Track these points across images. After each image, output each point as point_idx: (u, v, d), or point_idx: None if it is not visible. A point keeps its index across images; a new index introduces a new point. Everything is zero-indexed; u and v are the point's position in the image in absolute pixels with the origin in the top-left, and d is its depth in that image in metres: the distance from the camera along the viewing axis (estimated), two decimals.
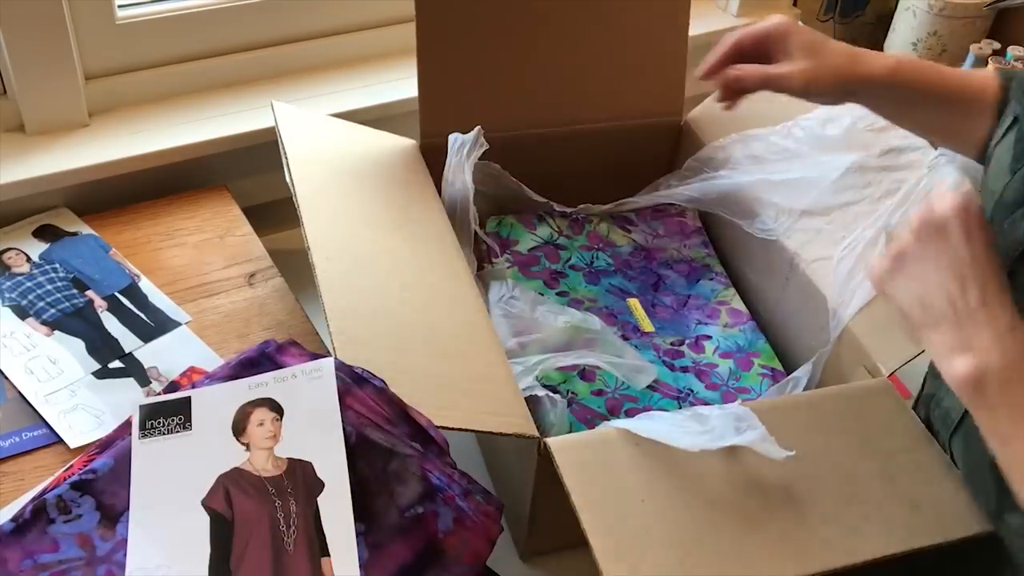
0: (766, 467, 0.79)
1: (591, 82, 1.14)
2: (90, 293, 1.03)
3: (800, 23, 0.88)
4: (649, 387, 0.99)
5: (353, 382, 0.77)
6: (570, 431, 0.90)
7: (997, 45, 1.40)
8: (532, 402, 0.87)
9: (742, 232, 1.09)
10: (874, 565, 0.76)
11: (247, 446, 0.75)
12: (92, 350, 0.97)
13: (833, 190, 1.03)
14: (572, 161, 1.17)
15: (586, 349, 0.96)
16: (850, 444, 0.83)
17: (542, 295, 1.04)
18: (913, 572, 0.84)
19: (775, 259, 1.06)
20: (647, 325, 1.07)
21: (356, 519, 0.72)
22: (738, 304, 1.10)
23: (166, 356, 0.98)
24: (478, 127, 1.01)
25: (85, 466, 0.75)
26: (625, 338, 1.04)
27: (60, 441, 0.89)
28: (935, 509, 0.80)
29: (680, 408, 0.97)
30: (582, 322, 0.98)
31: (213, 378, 0.79)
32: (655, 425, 0.81)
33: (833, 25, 1.63)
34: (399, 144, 1.09)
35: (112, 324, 1.00)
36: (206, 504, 0.72)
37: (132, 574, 0.70)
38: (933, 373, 0.90)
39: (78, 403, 0.92)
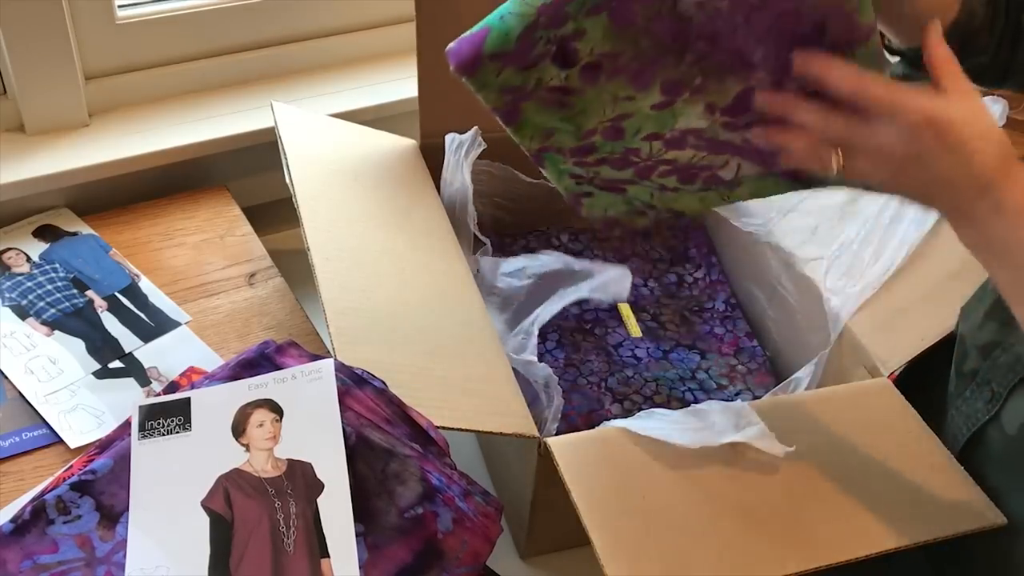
0: (767, 464, 0.80)
1: None
2: (90, 293, 1.03)
3: None
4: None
5: (353, 383, 0.77)
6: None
7: None
8: (528, 395, 0.86)
9: (738, 234, 1.09)
10: (882, 559, 0.76)
11: (247, 447, 0.75)
12: (92, 350, 0.97)
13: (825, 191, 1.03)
14: None
15: (561, 289, 0.95)
16: (851, 441, 0.84)
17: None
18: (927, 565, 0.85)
19: (772, 260, 1.06)
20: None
21: (356, 520, 0.72)
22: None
23: (166, 356, 0.98)
24: (475, 127, 1.01)
25: (84, 467, 0.75)
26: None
27: (60, 441, 0.89)
28: (939, 504, 0.80)
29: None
30: (540, 267, 0.96)
31: (212, 379, 0.79)
32: (655, 423, 0.81)
33: None
34: (399, 144, 1.09)
35: (112, 324, 1.00)
36: (206, 505, 0.72)
37: (131, 575, 0.70)
38: (998, 320, 0.84)
39: (78, 403, 0.92)
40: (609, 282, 0.93)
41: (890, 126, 0.63)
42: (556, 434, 0.81)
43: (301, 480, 0.73)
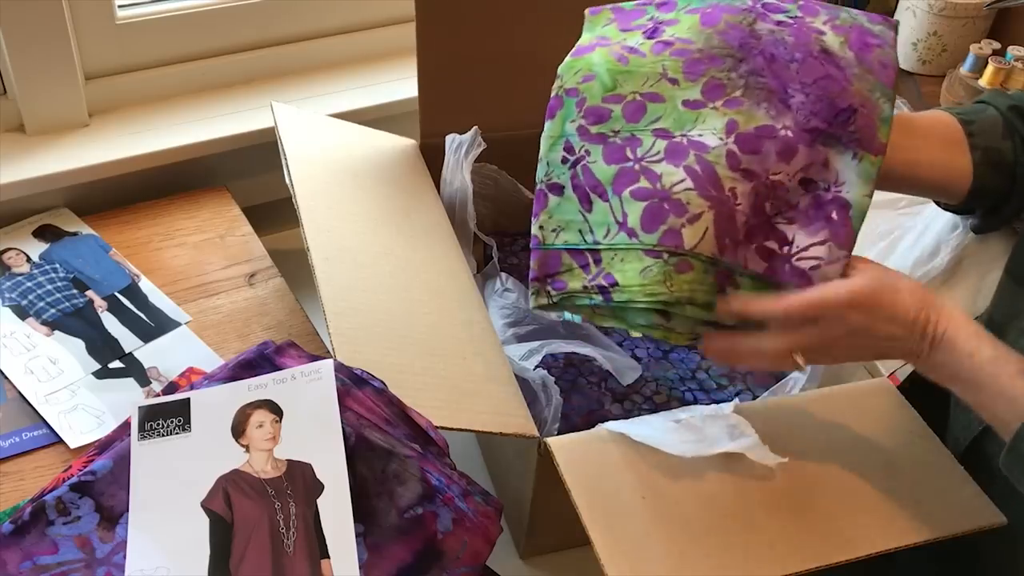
0: (767, 464, 0.79)
1: None
2: (90, 293, 1.03)
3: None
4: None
5: (352, 383, 0.77)
6: None
7: (997, 45, 1.39)
8: (528, 395, 0.86)
9: None
10: (884, 559, 0.76)
11: (246, 448, 0.75)
12: (92, 350, 0.97)
13: None
14: None
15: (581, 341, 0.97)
16: (850, 441, 0.84)
17: None
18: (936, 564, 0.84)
19: None
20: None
21: (356, 520, 0.72)
22: None
23: (166, 356, 0.98)
24: (475, 127, 1.01)
25: (84, 467, 0.75)
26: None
27: (60, 441, 0.89)
28: (939, 503, 0.80)
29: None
30: (572, 318, 0.98)
31: (212, 379, 0.79)
32: (650, 431, 0.81)
33: None
34: (399, 144, 1.09)
35: (112, 324, 1.00)
36: (205, 506, 0.72)
37: None
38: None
39: (78, 403, 0.92)
40: (621, 365, 0.97)
41: (825, 322, 0.72)
42: (556, 434, 0.81)
43: (301, 481, 0.73)
